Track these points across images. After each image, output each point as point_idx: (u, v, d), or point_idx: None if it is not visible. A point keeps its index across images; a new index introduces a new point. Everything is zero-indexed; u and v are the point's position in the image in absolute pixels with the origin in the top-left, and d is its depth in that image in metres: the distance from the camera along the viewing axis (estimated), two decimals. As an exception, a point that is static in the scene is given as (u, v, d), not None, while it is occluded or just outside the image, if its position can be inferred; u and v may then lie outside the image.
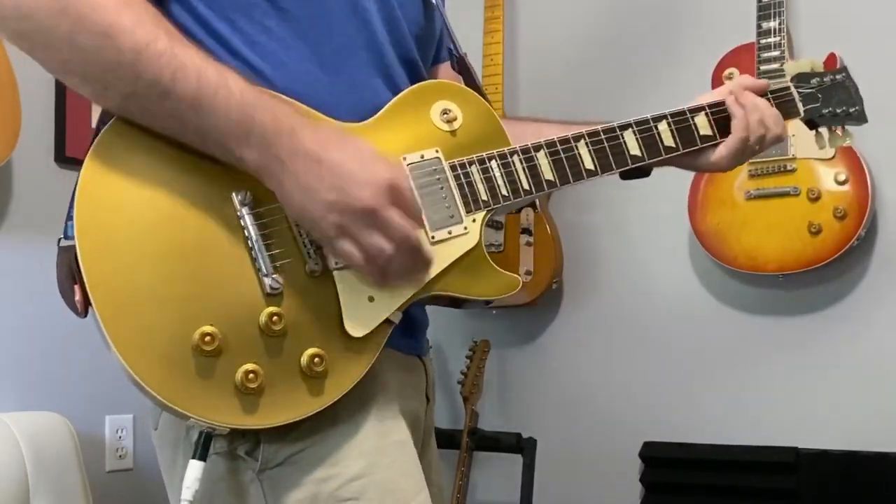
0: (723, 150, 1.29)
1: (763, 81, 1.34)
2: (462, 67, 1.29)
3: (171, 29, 0.97)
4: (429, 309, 1.22)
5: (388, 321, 1.04)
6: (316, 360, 0.98)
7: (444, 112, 1.13)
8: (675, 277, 2.57)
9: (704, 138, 1.28)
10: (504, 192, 1.13)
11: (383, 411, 1.08)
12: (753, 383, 2.44)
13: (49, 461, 2.00)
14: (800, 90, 1.37)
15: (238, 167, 0.98)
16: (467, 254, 1.09)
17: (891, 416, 2.24)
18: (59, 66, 0.96)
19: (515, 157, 1.14)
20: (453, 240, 1.09)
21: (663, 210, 2.55)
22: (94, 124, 2.41)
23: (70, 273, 0.96)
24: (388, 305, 1.03)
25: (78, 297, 0.95)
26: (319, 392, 0.99)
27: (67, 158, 2.29)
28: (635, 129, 1.23)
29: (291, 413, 0.98)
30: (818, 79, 1.39)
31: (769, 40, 2.30)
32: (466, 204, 1.10)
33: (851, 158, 2.22)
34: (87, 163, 0.97)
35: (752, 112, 1.29)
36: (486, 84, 2.70)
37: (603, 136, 1.21)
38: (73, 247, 0.94)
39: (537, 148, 1.16)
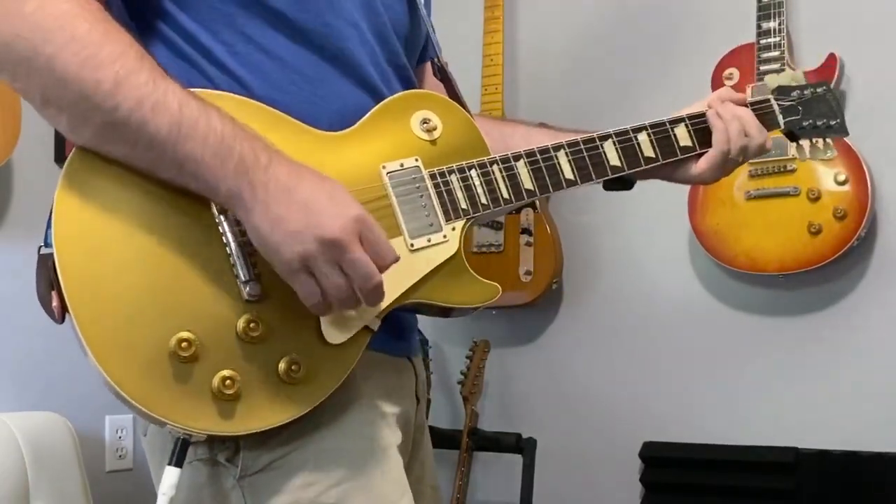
0: (703, 162, 1.30)
1: (740, 95, 1.37)
2: (443, 76, 1.29)
3: (154, 64, 0.97)
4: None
5: (366, 328, 1.04)
6: (294, 367, 0.98)
7: (425, 121, 1.14)
8: (675, 277, 2.57)
9: (685, 149, 1.30)
10: (483, 200, 1.13)
11: (365, 416, 1.08)
12: (753, 383, 2.43)
13: (49, 461, 2.00)
14: (780, 102, 1.39)
15: (210, 197, 0.98)
16: (447, 262, 1.10)
17: (891, 416, 2.24)
18: (37, 95, 0.96)
19: (495, 167, 1.15)
20: (432, 248, 1.09)
21: (663, 210, 2.55)
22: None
23: (48, 280, 0.96)
24: (367, 313, 1.03)
25: (55, 303, 0.95)
26: (297, 399, 0.99)
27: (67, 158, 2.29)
28: (615, 139, 1.24)
29: (269, 420, 0.98)
30: (798, 91, 1.40)
31: (769, 40, 2.30)
32: (446, 212, 1.11)
33: (851, 158, 2.21)
34: (65, 172, 0.97)
35: (731, 123, 1.30)
36: (486, 84, 2.71)
37: (582, 146, 1.22)
38: (52, 255, 0.94)
39: (517, 157, 1.17)
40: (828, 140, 1.41)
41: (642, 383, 2.60)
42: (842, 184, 2.22)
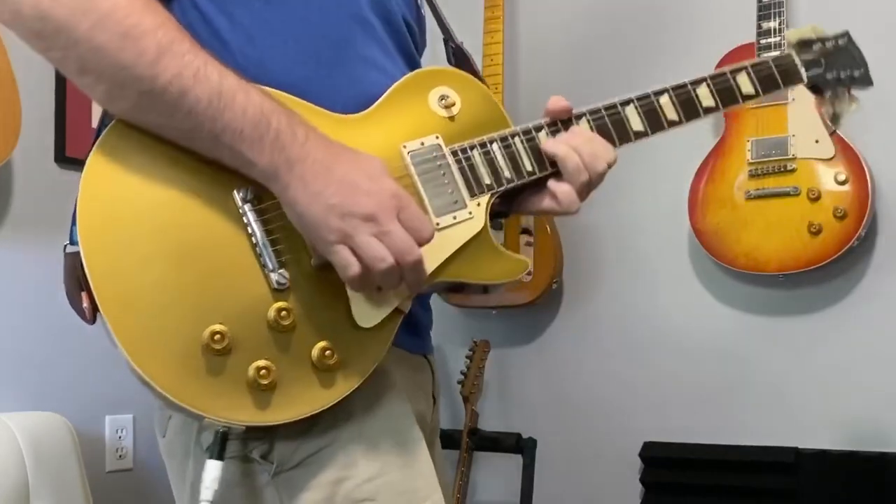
0: (545, 202, 1.19)
1: (565, 106, 1.23)
2: (460, 56, 1.29)
3: (191, 37, 0.97)
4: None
5: (397, 310, 1.03)
6: (327, 353, 0.98)
7: (442, 98, 1.13)
8: (675, 277, 2.57)
9: (707, 109, 1.28)
10: (507, 174, 1.13)
11: (395, 411, 1.08)
12: (753, 383, 2.44)
13: (49, 461, 2.00)
14: (802, 56, 1.36)
15: (244, 171, 0.98)
16: (474, 238, 1.09)
17: (891, 416, 2.24)
18: (74, 65, 0.95)
19: (517, 139, 1.15)
20: (458, 225, 1.08)
21: (663, 210, 2.55)
22: (94, 124, 2.42)
23: (77, 280, 0.96)
24: (397, 294, 1.03)
25: (86, 303, 0.95)
26: (332, 385, 0.99)
27: (67, 158, 2.29)
28: (637, 103, 1.24)
29: (305, 407, 0.98)
30: (820, 44, 1.38)
31: (769, 40, 2.30)
32: (470, 188, 1.10)
33: (851, 158, 2.22)
34: (89, 166, 0.96)
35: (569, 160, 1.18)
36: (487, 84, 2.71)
37: (604, 112, 1.22)
38: (78, 253, 0.94)
39: (538, 128, 1.17)
40: (852, 92, 1.39)
41: (642, 383, 2.60)
42: (842, 184, 2.22)
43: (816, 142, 2.24)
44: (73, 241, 0.97)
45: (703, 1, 2.58)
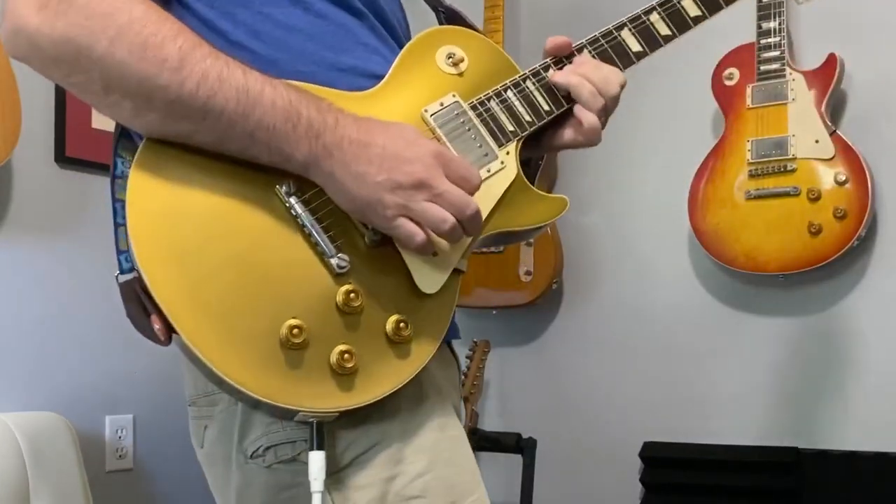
0: (567, 134, 1.21)
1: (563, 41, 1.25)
2: (452, 16, 1.30)
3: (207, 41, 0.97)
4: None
5: (456, 271, 1.05)
6: (401, 325, 1.00)
7: (450, 56, 1.15)
8: (675, 277, 2.57)
9: (696, 19, 1.28)
10: (528, 118, 1.15)
11: (437, 407, 1.09)
12: (753, 383, 2.44)
13: (49, 461, 2.00)
14: None
15: (283, 166, 0.98)
16: (511, 186, 1.11)
17: (891, 416, 2.24)
18: (99, 85, 0.94)
19: (528, 82, 1.18)
20: (494, 177, 1.10)
21: (663, 210, 2.55)
22: (94, 124, 2.43)
23: (141, 305, 0.96)
24: (452, 255, 1.04)
25: (158, 325, 0.94)
26: (409, 355, 1.01)
27: (67, 158, 2.29)
28: (630, 26, 1.26)
29: (390, 383, 0.99)
30: None
31: (769, 40, 2.30)
32: (496, 138, 1.12)
33: (851, 158, 2.22)
34: (132, 188, 0.95)
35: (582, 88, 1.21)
36: (486, 84, 2.71)
37: (603, 41, 1.24)
38: (135, 279, 0.94)
39: (546, 68, 1.20)
40: None
41: (642, 383, 2.60)
42: (842, 184, 2.22)
43: (816, 142, 2.24)
44: (122, 270, 0.97)
45: (703, 1, 2.58)
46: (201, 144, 0.97)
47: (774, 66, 2.29)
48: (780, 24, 2.28)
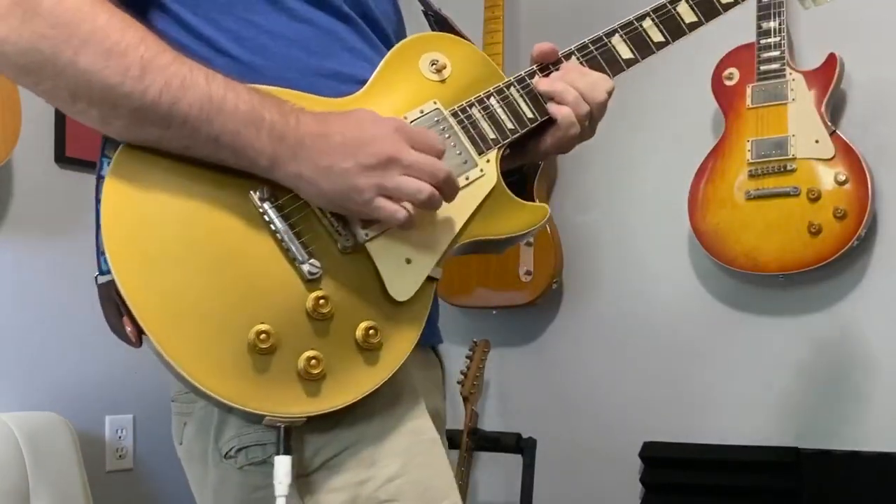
0: (549, 139, 1.20)
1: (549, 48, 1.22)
2: (441, 22, 1.30)
3: (172, 47, 0.98)
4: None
5: (430, 279, 1.05)
6: (371, 331, 0.99)
7: (433, 63, 1.14)
8: (675, 277, 2.57)
9: (691, 25, 1.26)
10: (510, 125, 1.14)
11: (412, 410, 1.09)
12: (753, 383, 2.43)
13: (49, 461, 2.00)
14: None
15: (251, 170, 0.99)
16: (489, 194, 1.10)
17: (891, 416, 2.24)
18: (65, 93, 0.96)
19: (512, 89, 1.17)
20: (472, 184, 1.10)
21: (663, 210, 2.55)
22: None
23: (116, 307, 0.96)
24: (426, 263, 1.04)
25: (129, 328, 0.95)
26: (379, 363, 1.00)
27: (67, 158, 2.29)
28: (621, 32, 1.25)
29: (359, 389, 0.99)
30: None
31: (769, 40, 2.30)
32: (476, 146, 1.11)
33: (851, 158, 2.22)
34: (106, 193, 0.96)
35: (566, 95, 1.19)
36: (486, 84, 2.71)
37: (592, 47, 1.23)
38: (112, 281, 0.94)
39: (531, 74, 1.18)
40: None
41: (642, 383, 2.60)
42: (842, 184, 2.22)
43: (816, 142, 2.24)
44: (102, 272, 0.97)
45: (703, 1, 2.58)
46: (171, 150, 0.98)
47: (774, 66, 2.29)
48: (780, 24, 2.28)
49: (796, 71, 2.29)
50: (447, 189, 1.01)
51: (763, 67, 2.31)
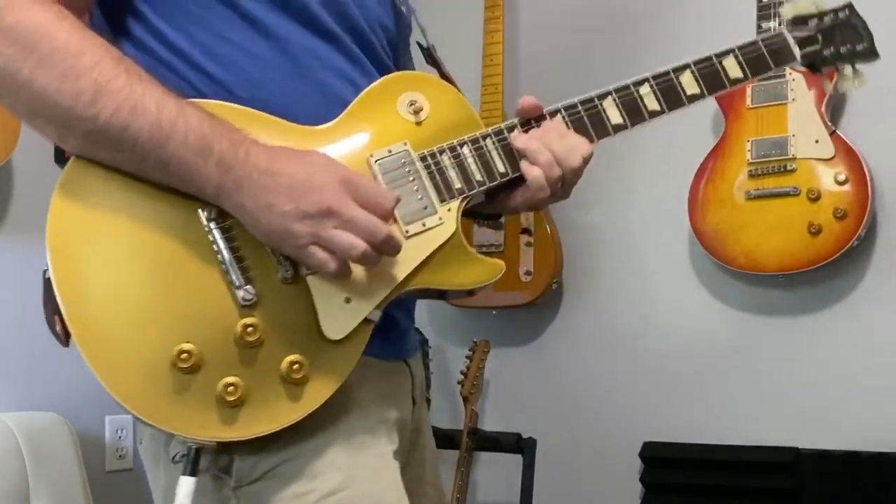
0: (519, 197, 1.17)
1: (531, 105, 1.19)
2: (431, 60, 1.28)
3: (132, 67, 0.98)
4: (430, 309, 1.21)
5: (367, 321, 1.03)
6: (295, 366, 0.98)
7: (411, 103, 1.12)
8: (675, 277, 2.57)
9: (692, 97, 1.22)
10: (479, 177, 1.11)
11: (359, 425, 1.07)
12: (753, 383, 2.43)
13: (49, 461, 2.00)
14: (795, 34, 1.29)
15: (200, 196, 0.99)
16: (445, 244, 1.08)
17: (891, 416, 2.24)
18: (24, 109, 0.98)
19: (488, 140, 1.13)
20: (429, 231, 1.07)
21: (663, 210, 2.55)
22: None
23: (54, 304, 0.97)
24: (365, 305, 1.02)
25: (59, 327, 0.96)
26: (301, 398, 0.99)
27: (67, 159, 2.28)
28: (615, 95, 1.19)
29: (275, 422, 0.98)
30: (817, 19, 1.30)
31: (769, 40, 2.29)
32: (440, 193, 1.09)
33: (851, 158, 2.21)
34: (54, 199, 0.98)
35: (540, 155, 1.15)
36: (486, 84, 2.70)
37: (580, 108, 1.18)
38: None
39: (510, 127, 1.15)
40: (857, 68, 1.32)
41: (642, 383, 2.60)
42: (842, 184, 2.21)
43: (816, 142, 2.24)
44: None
45: (703, 1, 2.58)
46: (126, 170, 0.98)
47: (774, 66, 2.29)
48: (780, 24, 2.28)
49: (796, 71, 2.29)
50: (386, 249, 0.99)
51: (763, 67, 2.30)
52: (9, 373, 2.18)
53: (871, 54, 1.32)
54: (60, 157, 2.30)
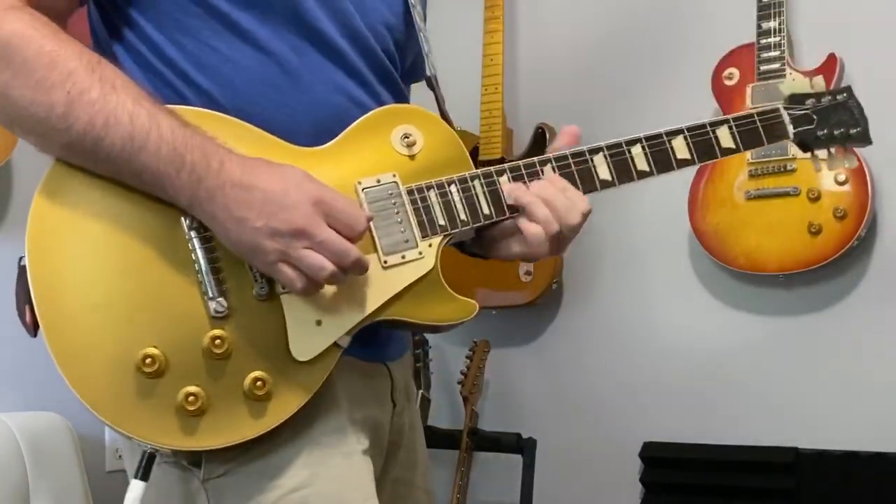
0: (516, 248, 1.17)
1: (565, 143, 1.21)
2: (431, 88, 1.28)
3: (107, 75, 0.98)
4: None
5: (336, 345, 1.03)
6: (258, 383, 0.98)
7: (405, 136, 1.12)
8: (675, 277, 2.57)
9: (681, 162, 1.21)
10: (462, 216, 1.12)
11: (330, 422, 1.07)
12: (753, 383, 2.43)
13: (49, 461, 2.00)
14: (791, 112, 1.31)
15: (176, 204, 0.99)
16: (422, 279, 1.09)
17: (891, 416, 2.24)
18: (3, 118, 0.99)
19: (476, 182, 1.13)
20: (407, 264, 1.08)
21: (663, 210, 2.55)
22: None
23: (26, 293, 0.98)
24: (335, 330, 1.03)
25: (28, 317, 0.98)
26: (261, 415, 0.99)
27: (67, 158, 2.29)
28: (606, 151, 1.19)
29: (232, 436, 0.99)
30: (813, 100, 1.33)
31: (769, 40, 2.30)
32: (423, 228, 1.10)
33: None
34: (37, 192, 0.99)
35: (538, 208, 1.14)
36: (486, 84, 2.70)
37: (571, 160, 1.17)
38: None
39: (500, 172, 1.15)
40: (847, 149, 1.35)
41: (642, 383, 2.60)
42: (842, 184, 2.21)
43: (816, 142, 2.24)
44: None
45: (704, 1, 2.58)
46: (103, 173, 0.99)
47: (774, 66, 2.29)
48: (780, 24, 2.28)
49: (796, 71, 2.29)
50: (353, 271, 1.00)
51: (763, 67, 2.30)
52: (9, 373, 2.18)
53: (863, 139, 1.35)
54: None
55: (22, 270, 0.99)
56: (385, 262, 1.07)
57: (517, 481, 2.53)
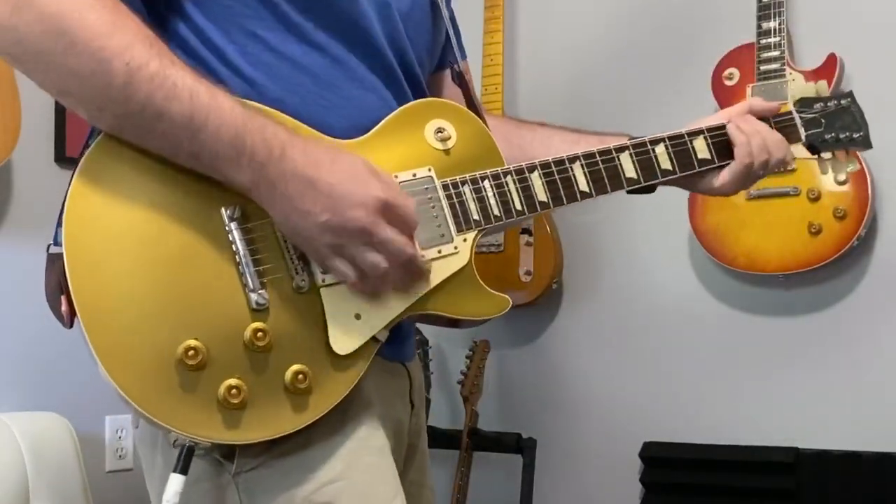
0: (726, 175, 1.29)
1: (772, 105, 1.35)
2: (461, 81, 1.28)
3: (164, 50, 0.96)
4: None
5: (374, 339, 1.04)
6: (300, 376, 0.98)
7: (439, 130, 1.13)
8: (675, 277, 2.57)
9: (702, 162, 1.28)
10: (496, 212, 1.13)
11: (361, 417, 1.08)
12: (753, 383, 2.43)
13: (49, 461, 2.00)
14: (802, 115, 1.37)
15: (231, 188, 0.99)
16: (457, 273, 1.09)
17: (891, 416, 2.24)
18: (55, 87, 0.96)
19: (509, 178, 1.14)
20: (443, 259, 1.09)
21: (663, 210, 2.55)
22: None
23: (58, 283, 0.96)
24: (374, 323, 1.03)
25: (64, 307, 0.95)
26: (302, 409, 0.99)
27: (67, 158, 2.29)
28: (632, 151, 1.22)
29: (273, 429, 0.98)
30: (821, 104, 1.38)
31: (769, 40, 2.30)
32: (458, 223, 1.10)
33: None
34: (76, 178, 0.96)
35: (753, 137, 1.28)
36: (486, 84, 2.70)
37: (599, 158, 1.20)
38: (62, 255, 0.94)
39: (531, 168, 1.16)
40: (850, 153, 1.40)
41: (642, 383, 2.60)
42: (842, 184, 2.22)
43: (816, 142, 2.24)
44: (56, 242, 0.97)
45: (704, 1, 2.58)
46: (156, 153, 0.97)
47: (774, 65, 2.29)
48: (780, 24, 2.28)
49: (796, 71, 2.29)
50: (409, 268, 1.02)
51: (763, 67, 2.30)
52: (9, 373, 2.18)
53: (865, 143, 1.41)
54: (61, 157, 2.30)
55: (53, 258, 0.96)
56: (422, 256, 1.06)
57: (517, 481, 2.53)
